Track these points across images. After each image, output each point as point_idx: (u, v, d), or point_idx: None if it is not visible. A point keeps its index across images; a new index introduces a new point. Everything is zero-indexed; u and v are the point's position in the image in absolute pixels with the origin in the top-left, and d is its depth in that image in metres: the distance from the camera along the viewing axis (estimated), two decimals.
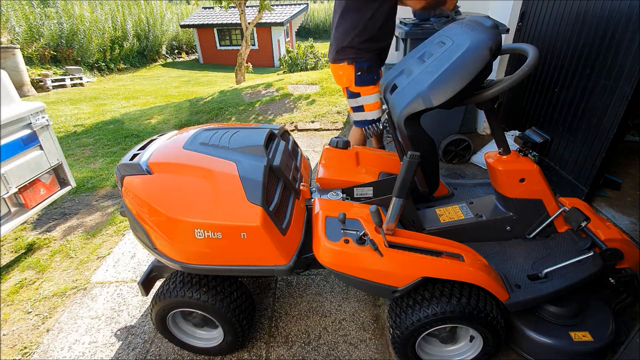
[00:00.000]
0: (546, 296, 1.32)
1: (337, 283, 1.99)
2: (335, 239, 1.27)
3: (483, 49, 1.16)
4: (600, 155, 2.10)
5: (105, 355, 1.68)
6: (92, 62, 12.31)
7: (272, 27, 16.24)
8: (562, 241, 1.52)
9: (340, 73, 2.23)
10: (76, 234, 2.64)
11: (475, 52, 1.16)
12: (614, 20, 1.99)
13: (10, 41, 9.80)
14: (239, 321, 1.47)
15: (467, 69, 1.16)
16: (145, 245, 1.40)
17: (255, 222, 1.22)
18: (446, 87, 1.17)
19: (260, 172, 1.32)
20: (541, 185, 1.48)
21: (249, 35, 8.47)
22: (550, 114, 2.62)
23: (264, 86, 6.16)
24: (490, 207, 1.64)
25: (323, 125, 4.38)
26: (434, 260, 1.24)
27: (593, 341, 1.32)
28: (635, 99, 1.88)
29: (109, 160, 3.96)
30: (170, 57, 17.49)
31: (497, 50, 1.20)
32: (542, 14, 2.74)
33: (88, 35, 11.84)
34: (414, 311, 1.29)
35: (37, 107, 2.26)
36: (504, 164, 1.49)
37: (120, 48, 13.55)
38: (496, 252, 1.54)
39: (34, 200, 2.29)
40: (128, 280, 2.12)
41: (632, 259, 1.47)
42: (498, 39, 1.19)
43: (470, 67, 1.15)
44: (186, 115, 5.38)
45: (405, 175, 1.21)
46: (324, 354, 1.61)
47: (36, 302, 2.02)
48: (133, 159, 1.47)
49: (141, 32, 15.02)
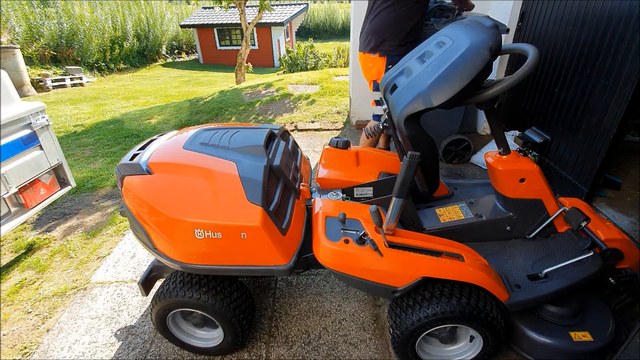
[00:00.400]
0: (546, 296, 1.32)
1: (337, 283, 1.99)
2: (335, 239, 1.28)
3: (483, 49, 1.16)
4: (600, 155, 2.11)
5: (105, 355, 1.68)
6: (92, 62, 12.30)
7: (272, 27, 16.24)
8: (562, 241, 1.52)
9: (370, 65, 2.25)
10: (76, 234, 2.64)
11: (475, 52, 1.16)
12: (614, 20, 1.99)
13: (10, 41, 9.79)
14: (239, 321, 1.47)
15: (467, 68, 1.16)
16: (145, 245, 1.40)
17: (255, 222, 1.22)
18: (446, 87, 1.17)
19: (260, 172, 1.32)
20: (541, 185, 1.48)
21: (249, 35, 8.47)
22: (550, 114, 2.62)
23: (264, 86, 6.17)
24: (490, 207, 1.64)
25: (323, 125, 4.38)
26: (434, 260, 1.24)
27: (593, 341, 1.32)
28: (635, 99, 1.88)
29: (109, 160, 3.96)
30: (170, 57, 17.48)
31: (497, 50, 1.20)
32: (542, 14, 2.74)
33: (88, 35, 11.84)
34: (414, 311, 1.29)
35: (37, 107, 2.26)
36: (504, 164, 1.49)
37: (120, 48, 13.55)
38: (496, 252, 1.54)
39: (34, 200, 2.29)
40: (128, 280, 2.12)
41: (632, 259, 1.46)
42: (498, 39, 1.19)
43: (470, 67, 1.15)
44: (186, 115, 5.37)
45: (405, 175, 1.21)
46: (324, 354, 1.61)
47: (36, 302, 2.02)
48: (133, 159, 1.47)
49: (141, 32, 15.01)
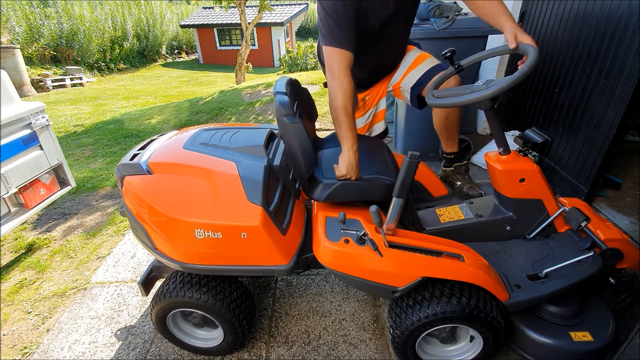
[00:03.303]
0: (546, 296, 1.32)
1: (337, 283, 1.99)
2: (335, 239, 1.27)
3: None
4: (600, 155, 2.10)
5: (105, 355, 1.68)
6: (92, 62, 12.31)
7: (272, 27, 16.24)
8: (562, 241, 1.52)
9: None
10: (76, 234, 2.64)
11: None
12: (614, 20, 1.99)
13: (10, 41, 9.80)
14: (239, 321, 1.47)
15: None
16: (146, 245, 1.40)
17: (256, 222, 1.22)
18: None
19: (260, 172, 1.32)
20: (541, 185, 1.48)
21: (249, 35, 8.47)
22: (550, 113, 2.62)
23: (264, 86, 6.16)
24: (490, 207, 1.63)
25: (323, 125, 4.38)
26: (434, 261, 1.24)
27: (593, 341, 1.32)
28: (635, 99, 1.87)
29: (109, 160, 3.96)
30: (170, 57, 17.48)
31: None
32: (542, 14, 2.74)
33: (88, 35, 11.84)
34: (414, 311, 1.29)
35: (37, 107, 2.26)
36: (504, 164, 1.48)
37: (120, 48, 13.55)
38: (496, 252, 1.54)
39: (34, 200, 2.29)
40: (128, 280, 2.12)
41: (632, 259, 1.46)
42: None
43: None
44: (186, 115, 5.37)
45: (405, 175, 1.21)
46: (324, 354, 1.61)
47: (36, 302, 2.02)
48: (133, 159, 1.47)
49: (141, 32, 15.01)
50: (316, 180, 1.38)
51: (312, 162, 1.33)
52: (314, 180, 1.38)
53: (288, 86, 1.47)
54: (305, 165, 1.32)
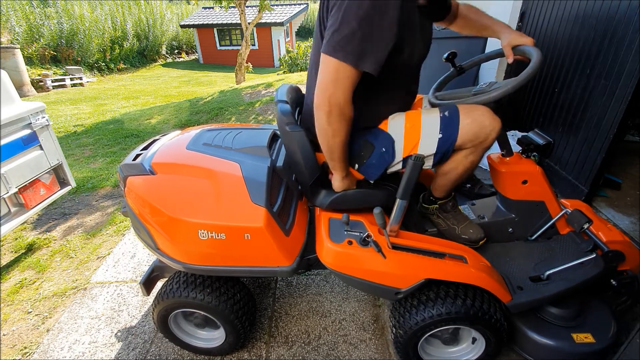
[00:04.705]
0: (548, 298, 1.32)
1: (337, 283, 1.99)
2: (338, 240, 1.27)
3: None
4: (600, 155, 2.11)
5: (105, 355, 1.67)
6: (92, 62, 12.27)
7: (272, 27, 16.23)
8: (564, 243, 1.52)
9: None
10: (76, 234, 2.63)
11: None
12: (614, 20, 2.00)
13: (10, 41, 9.77)
14: (241, 322, 1.47)
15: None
16: (148, 245, 1.40)
17: (259, 223, 1.22)
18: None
19: (264, 173, 1.32)
20: (543, 187, 1.48)
21: (249, 35, 8.46)
22: (550, 114, 2.63)
23: (264, 86, 6.16)
24: (492, 209, 1.63)
25: None
26: (437, 262, 1.24)
27: (595, 342, 1.32)
28: (635, 99, 1.88)
29: (109, 160, 3.96)
30: (170, 57, 17.46)
31: None
32: (542, 14, 2.75)
33: (88, 35, 11.81)
34: (419, 311, 1.29)
35: (37, 107, 2.25)
36: (506, 165, 1.48)
37: (120, 48, 13.52)
38: (498, 253, 1.54)
39: (34, 200, 2.28)
40: (128, 280, 2.12)
41: (633, 261, 1.47)
42: None
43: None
44: (186, 115, 5.37)
45: (409, 177, 1.21)
46: (324, 354, 1.61)
47: (36, 302, 2.02)
48: (136, 159, 1.46)
49: (141, 32, 14.98)
50: (318, 188, 1.39)
51: (314, 170, 1.33)
52: (317, 188, 1.38)
53: (289, 93, 1.46)
54: (307, 173, 1.32)
